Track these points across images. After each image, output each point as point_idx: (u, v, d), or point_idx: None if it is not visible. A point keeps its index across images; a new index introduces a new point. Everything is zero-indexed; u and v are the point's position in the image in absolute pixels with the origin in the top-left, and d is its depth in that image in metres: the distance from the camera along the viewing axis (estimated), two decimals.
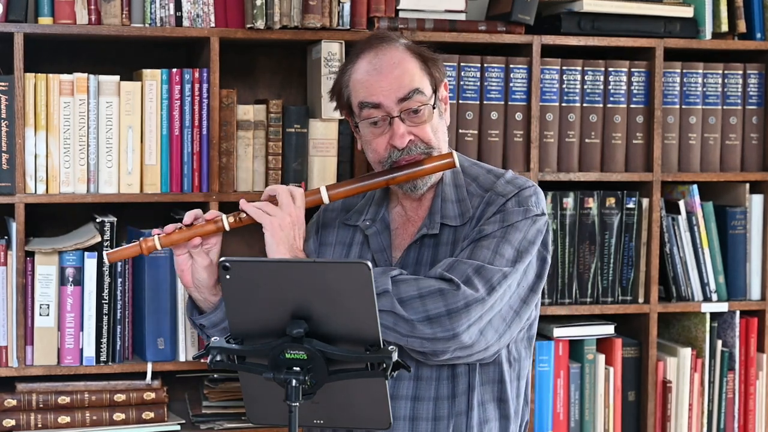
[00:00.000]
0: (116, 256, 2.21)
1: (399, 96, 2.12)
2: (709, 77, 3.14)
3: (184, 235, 2.15)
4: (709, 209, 3.16)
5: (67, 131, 2.76)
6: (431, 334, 2.00)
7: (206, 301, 2.20)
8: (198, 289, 2.19)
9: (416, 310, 2.00)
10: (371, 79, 2.13)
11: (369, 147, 2.18)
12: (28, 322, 2.76)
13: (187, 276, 2.18)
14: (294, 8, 2.83)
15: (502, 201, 2.14)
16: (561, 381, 3.07)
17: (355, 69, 2.17)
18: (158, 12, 2.80)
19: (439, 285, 2.02)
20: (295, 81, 3.15)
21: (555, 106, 3.02)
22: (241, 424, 2.89)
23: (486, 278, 2.03)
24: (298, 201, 2.15)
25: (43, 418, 2.78)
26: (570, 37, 3.02)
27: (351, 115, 2.21)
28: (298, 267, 1.79)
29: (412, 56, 2.16)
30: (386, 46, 2.16)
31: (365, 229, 2.22)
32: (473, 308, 2.01)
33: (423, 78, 2.15)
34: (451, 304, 2.00)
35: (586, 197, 3.06)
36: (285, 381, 1.76)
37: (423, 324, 2.00)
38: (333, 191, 2.20)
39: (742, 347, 3.19)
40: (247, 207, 2.16)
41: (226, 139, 2.86)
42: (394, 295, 2.01)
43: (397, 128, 2.12)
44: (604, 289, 3.09)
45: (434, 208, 2.19)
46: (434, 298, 2.01)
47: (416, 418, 2.13)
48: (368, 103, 2.13)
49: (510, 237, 2.09)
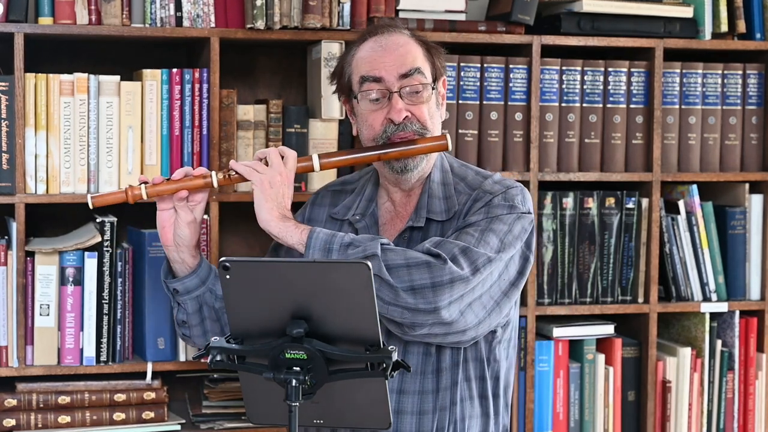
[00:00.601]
0: (100, 200, 2.21)
1: (401, 72, 2.16)
2: (709, 77, 3.14)
3: (171, 187, 2.17)
4: (708, 209, 3.16)
5: (68, 131, 2.76)
6: (413, 305, 2.02)
7: (183, 263, 2.22)
8: (178, 248, 2.21)
9: (402, 279, 2.02)
10: (375, 54, 2.19)
11: (365, 123, 2.21)
12: (28, 322, 2.76)
13: (168, 232, 2.20)
14: (294, 8, 2.83)
15: (489, 197, 2.18)
16: (561, 381, 3.07)
17: (359, 49, 2.22)
18: (158, 12, 2.81)
19: (426, 258, 2.04)
20: (295, 81, 3.15)
21: (555, 106, 3.03)
22: (241, 424, 2.89)
23: (471, 259, 2.06)
24: (290, 163, 2.17)
25: (43, 418, 2.78)
26: (570, 37, 3.02)
27: (349, 98, 2.25)
28: (298, 267, 1.79)
29: (416, 43, 2.22)
30: (392, 30, 2.23)
31: (355, 223, 2.25)
32: (457, 285, 2.03)
33: (425, 62, 2.21)
34: (437, 278, 2.02)
35: (586, 197, 3.07)
36: (285, 381, 1.76)
37: (407, 293, 2.02)
38: (324, 160, 2.23)
39: (742, 347, 3.20)
40: (237, 165, 2.17)
41: (226, 139, 2.86)
42: (382, 260, 2.03)
43: (396, 103, 2.16)
44: (603, 289, 3.09)
45: (421, 203, 2.22)
46: (420, 269, 2.03)
47: (401, 411, 2.15)
48: (370, 76, 2.17)
49: (494, 227, 2.13)
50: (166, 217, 2.20)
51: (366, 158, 2.22)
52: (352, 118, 2.27)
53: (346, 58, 2.25)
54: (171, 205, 2.20)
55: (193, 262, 2.22)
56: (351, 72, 2.22)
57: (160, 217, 2.21)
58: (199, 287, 2.22)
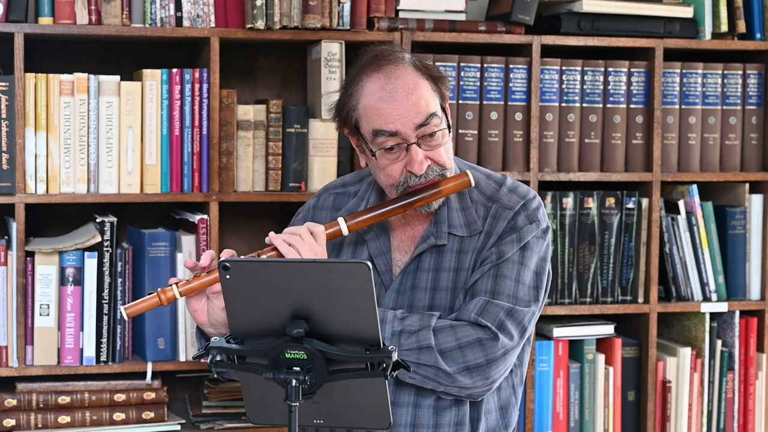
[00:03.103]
0: (134, 310, 2.07)
1: (417, 122, 2.06)
2: (709, 77, 3.14)
3: (203, 282, 2.05)
4: (708, 209, 3.16)
5: (68, 131, 2.76)
6: (470, 384, 2.05)
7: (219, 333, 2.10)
8: (214, 327, 2.10)
9: (456, 362, 2.03)
10: (386, 106, 2.07)
11: (383, 172, 2.12)
12: (28, 322, 2.76)
13: (201, 315, 2.09)
14: (294, 8, 2.83)
15: (509, 215, 2.14)
16: (561, 381, 3.07)
17: (364, 93, 2.10)
18: (158, 12, 2.81)
19: (477, 335, 2.04)
20: (295, 81, 3.15)
21: (555, 106, 3.03)
22: (241, 424, 2.89)
23: (518, 321, 2.07)
24: (320, 239, 2.10)
25: (43, 418, 2.78)
26: (570, 37, 3.02)
27: (355, 134, 2.15)
28: (298, 267, 1.79)
29: (423, 77, 2.10)
30: (395, 68, 2.09)
31: (363, 234, 2.21)
32: (509, 356, 2.06)
33: (435, 99, 2.10)
34: (490, 354, 2.04)
35: (586, 197, 3.07)
36: (285, 381, 1.76)
37: (462, 374, 2.04)
38: (352, 222, 2.15)
39: (742, 347, 3.20)
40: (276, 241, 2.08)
41: (226, 139, 2.86)
42: (435, 346, 2.03)
43: (416, 155, 2.07)
44: (603, 289, 3.09)
45: (440, 216, 2.17)
46: (473, 349, 2.03)
47: (417, 425, 2.14)
48: (385, 131, 2.07)
49: (527, 261, 2.12)
50: (197, 303, 2.09)
51: (392, 212, 2.14)
52: (359, 152, 2.18)
53: (350, 99, 2.12)
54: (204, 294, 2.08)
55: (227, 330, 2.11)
56: (359, 118, 2.11)
57: (190, 303, 2.09)
58: None
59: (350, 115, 2.12)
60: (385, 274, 2.17)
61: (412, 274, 2.15)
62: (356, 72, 2.13)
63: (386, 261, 2.18)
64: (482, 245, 2.14)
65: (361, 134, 2.12)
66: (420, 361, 2.03)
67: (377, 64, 2.10)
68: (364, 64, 2.12)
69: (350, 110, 2.12)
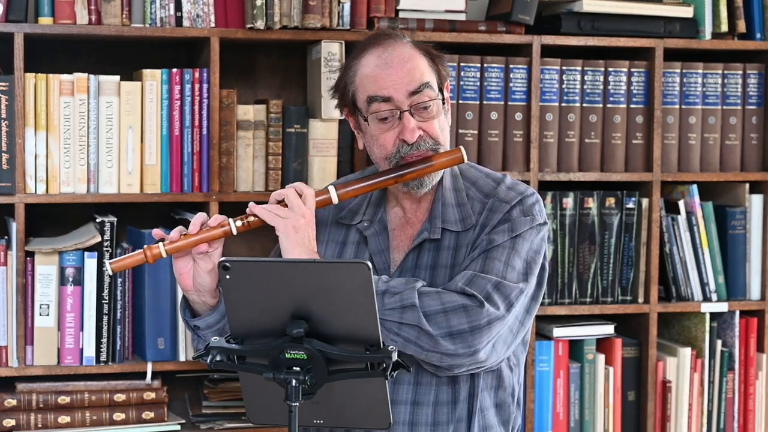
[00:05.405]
0: (119, 265, 2.10)
1: (410, 89, 2.10)
2: (709, 77, 3.14)
3: (190, 241, 2.07)
4: (708, 209, 3.16)
5: (67, 131, 2.76)
6: (453, 350, 2.01)
7: (204, 304, 2.14)
8: (198, 293, 2.12)
9: (440, 325, 2.01)
10: (381, 72, 2.11)
11: (376, 143, 2.15)
12: (28, 322, 2.76)
13: (187, 279, 2.11)
14: (294, 8, 2.83)
15: (506, 208, 2.14)
16: (561, 381, 3.07)
17: (361, 64, 2.14)
18: (158, 12, 2.81)
19: (462, 301, 2.02)
20: (295, 81, 3.15)
21: (555, 106, 3.03)
22: (241, 424, 2.89)
23: (505, 294, 2.05)
24: (309, 202, 2.11)
25: (43, 418, 2.78)
26: (570, 37, 3.02)
27: (353, 113, 2.18)
28: (298, 267, 1.79)
29: (420, 53, 2.15)
30: (393, 42, 2.15)
31: (363, 230, 2.21)
32: (494, 326, 2.03)
33: (431, 74, 2.14)
34: (474, 321, 2.01)
35: (586, 197, 3.07)
36: (285, 381, 1.76)
37: (445, 339, 2.01)
38: (342, 191, 2.16)
39: (742, 347, 3.20)
40: (257, 209, 2.10)
41: (226, 139, 2.86)
42: (420, 307, 2.01)
43: (408, 122, 2.10)
44: (603, 289, 3.09)
45: (434, 212, 2.17)
46: (458, 314, 2.01)
47: (415, 423, 2.13)
48: (378, 96, 2.11)
49: (519, 248, 2.10)
50: (184, 265, 2.10)
51: (383, 183, 2.15)
52: (358, 133, 2.21)
53: (348, 72, 2.17)
54: (190, 255, 2.10)
55: (213, 301, 2.13)
56: (355, 89, 2.15)
57: (176, 265, 2.11)
58: (220, 321, 2.14)
59: (348, 88, 2.16)
60: (383, 272, 2.16)
61: (409, 272, 2.15)
62: (356, 51, 2.18)
63: (384, 259, 2.19)
64: (476, 237, 2.14)
65: (358, 109, 2.15)
66: (403, 321, 2.00)
67: (376, 40, 2.17)
68: (364, 43, 2.18)
69: (348, 83, 2.16)
